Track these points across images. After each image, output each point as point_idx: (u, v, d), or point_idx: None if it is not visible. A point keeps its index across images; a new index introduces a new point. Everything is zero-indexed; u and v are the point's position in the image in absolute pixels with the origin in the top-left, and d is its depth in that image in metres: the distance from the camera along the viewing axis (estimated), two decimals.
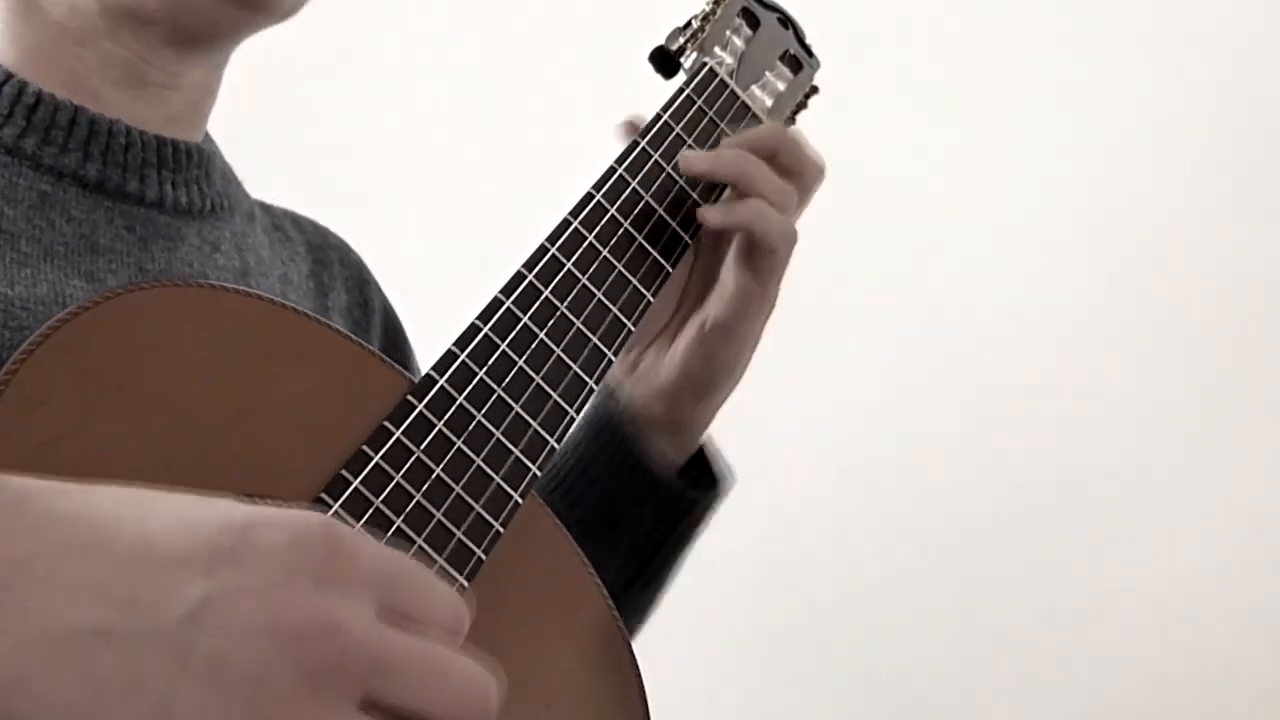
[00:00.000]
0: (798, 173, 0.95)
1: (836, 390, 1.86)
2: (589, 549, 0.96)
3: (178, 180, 0.91)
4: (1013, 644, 1.84)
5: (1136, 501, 1.84)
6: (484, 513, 0.76)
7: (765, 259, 0.93)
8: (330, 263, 1.03)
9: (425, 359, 0.81)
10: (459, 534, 0.75)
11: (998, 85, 1.91)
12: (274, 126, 1.80)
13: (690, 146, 0.94)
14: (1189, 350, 1.85)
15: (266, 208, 1.02)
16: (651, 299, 0.89)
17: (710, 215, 0.92)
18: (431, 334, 0.88)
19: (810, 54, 1.08)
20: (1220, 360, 1.84)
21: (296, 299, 0.97)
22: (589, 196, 0.89)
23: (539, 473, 0.80)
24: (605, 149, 0.92)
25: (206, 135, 0.97)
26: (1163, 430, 1.84)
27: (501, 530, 0.77)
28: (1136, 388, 1.85)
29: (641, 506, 0.99)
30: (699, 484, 1.01)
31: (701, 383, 0.97)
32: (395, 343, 1.06)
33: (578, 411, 0.83)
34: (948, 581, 1.86)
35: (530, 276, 0.84)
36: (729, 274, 0.95)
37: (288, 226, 1.03)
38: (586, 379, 0.84)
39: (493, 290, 0.82)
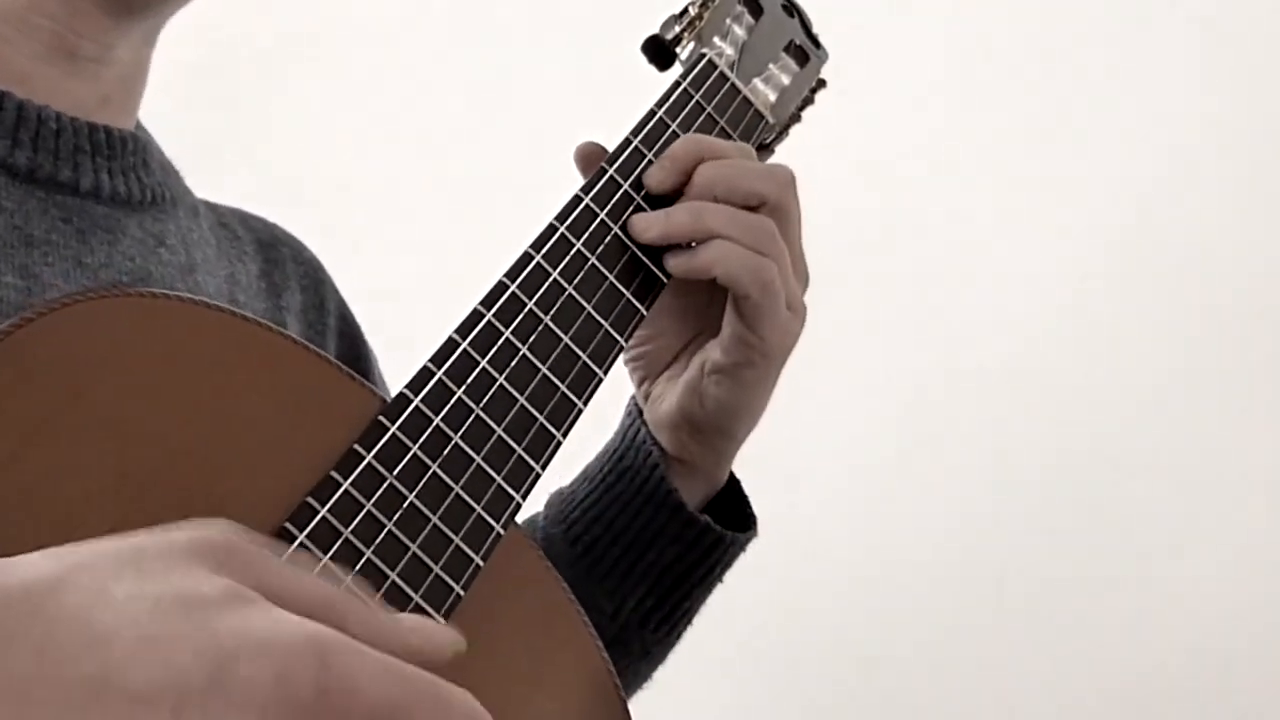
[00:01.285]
0: (760, 200, 0.91)
1: (849, 400, 1.86)
2: (608, 578, 0.97)
3: (113, 168, 0.89)
4: (1026, 655, 1.86)
5: (1162, 512, 1.85)
6: (463, 545, 0.75)
7: (744, 305, 0.91)
8: (282, 261, 1.02)
9: (397, 377, 0.80)
10: (436, 568, 0.74)
11: (1015, 85, 1.91)
12: (225, 124, 1.79)
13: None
14: (1215, 356, 1.86)
15: (212, 206, 1.01)
16: (645, 311, 0.88)
17: (671, 263, 0.90)
18: (405, 349, 0.87)
19: (818, 45, 1.06)
20: (1238, 364, 1.86)
21: (246, 300, 0.96)
22: (576, 200, 0.87)
23: (522, 501, 0.79)
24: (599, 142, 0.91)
25: (139, 124, 0.95)
26: (1189, 438, 1.86)
27: (481, 564, 0.76)
28: (1161, 394, 1.87)
29: (663, 536, 0.97)
30: (725, 524, 1.00)
31: (699, 423, 0.96)
32: (353, 349, 1.05)
33: (565, 434, 0.81)
34: (959, 594, 1.87)
35: (512, 287, 0.82)
36: (726, 319, 0.94)
37: (235, 225, 1.02)
38: (575, 400, 0.82)
39: (472, 301, 0.81)
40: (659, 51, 0.98)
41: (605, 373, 0.85)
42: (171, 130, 0.97)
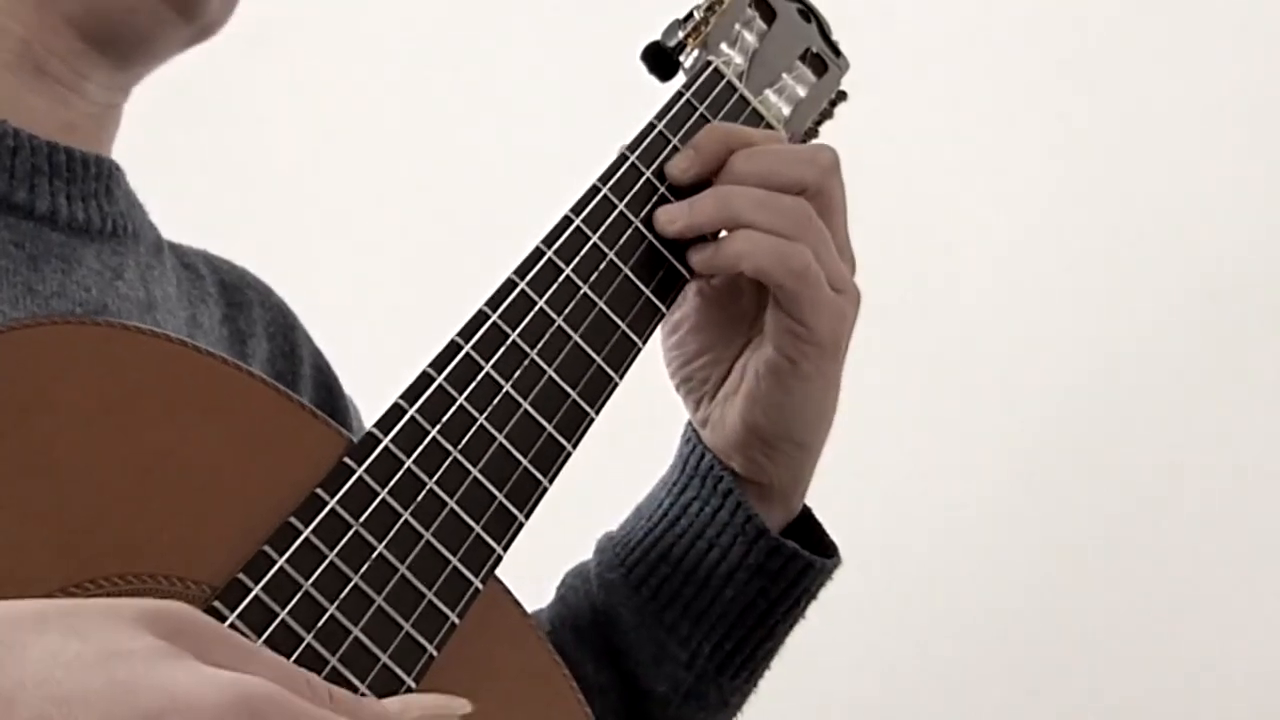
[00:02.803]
0: (800, 188, 0.91)
1: (865, 418, 1.85)
2: (681, 623, 0.96)
3: (73, 193, 0.89)
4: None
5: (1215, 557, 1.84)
6: (437, 600, 0.75)
7: (782, 295, 0.90)
8: (248, 305, 1.02)
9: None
10: (406, 626, 0.73)
11: (1043, 90, 1.91)
12: (162, 146, 1.77)
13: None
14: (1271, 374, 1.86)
15: (175, 246, 1.01)
16: (641, 345, 0.87)
17: (695, 259, 0.90)
18: (372, 387, 0.86)
19: (838, 53, 1.05)
20: None
21: (207, 345, 0.95)
22: (566, 221, 0.86)
23: (504, 553, 0.78)
24: (588, 162, 0.90)
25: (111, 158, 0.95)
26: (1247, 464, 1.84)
27: (457, 621, 0.75)
28: (1218, 409, 1.85)
29: (743, 569, 0.95)
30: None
31: (768, 436, 0.94)
32: (330, 400, 1.04)
33: (552, 480, 0.80)
34: (984, 626, 1.87)
35: (494, 317, 0.81)
36: (769, 312, 0.93)
37: (199, 265, 1.01)
38: (564, 442, 0.82)
39: (449, 333, 0.81)
40: (660, 60, 0.97)
41: (622, 375, 0.85)
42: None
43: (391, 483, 0.75)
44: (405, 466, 0.76)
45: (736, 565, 0.95)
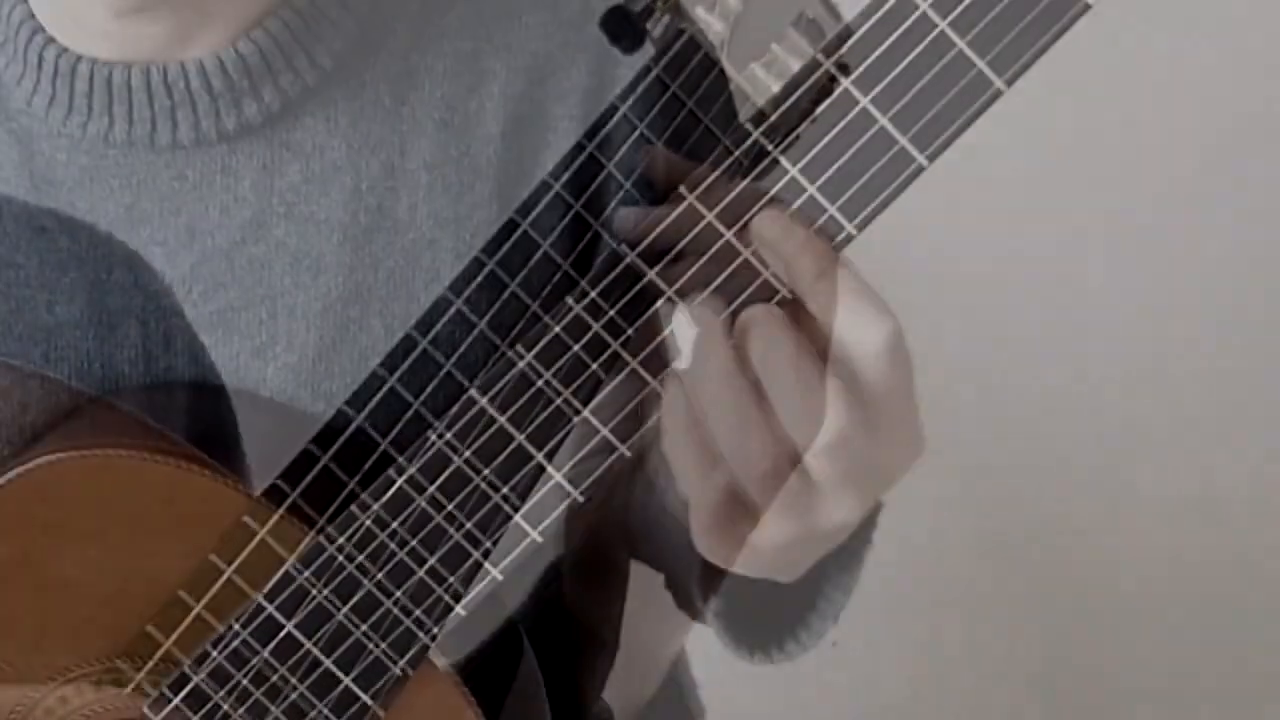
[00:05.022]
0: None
1: None
2: None
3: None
4: None
5: None
6: (354, 686, 0.76)
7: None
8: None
9: None
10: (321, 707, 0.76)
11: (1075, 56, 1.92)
12: None
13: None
14: None
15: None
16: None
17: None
18: None
19: (838, 17, 1.00)
20: None
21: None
22: (511, 226, 0.84)
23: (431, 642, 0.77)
24: None
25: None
26: None
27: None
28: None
29: None
30: None
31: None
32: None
33: (485, 556, 0.78)
34: None
35: (423, 343, 0.81)
36: None
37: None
38: (509, 505, 0.78)
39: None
40: (624, 26, 0.93)
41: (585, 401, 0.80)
42: None
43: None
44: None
45: None
